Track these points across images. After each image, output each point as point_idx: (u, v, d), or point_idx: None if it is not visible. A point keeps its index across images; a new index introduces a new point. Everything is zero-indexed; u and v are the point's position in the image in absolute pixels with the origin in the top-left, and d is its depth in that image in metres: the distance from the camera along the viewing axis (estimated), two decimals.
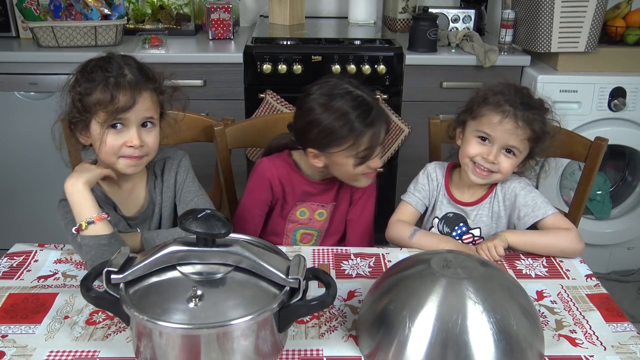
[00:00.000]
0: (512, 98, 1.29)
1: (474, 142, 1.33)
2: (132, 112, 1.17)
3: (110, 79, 1.15)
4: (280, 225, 1.50)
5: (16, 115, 2.28)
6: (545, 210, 1.32)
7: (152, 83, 1.20)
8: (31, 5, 2.25)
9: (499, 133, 1.29)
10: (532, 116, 1.29)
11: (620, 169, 2.61)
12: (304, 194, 1.46)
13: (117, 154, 1.20)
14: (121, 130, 1.18)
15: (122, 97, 1.15)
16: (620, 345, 1.00)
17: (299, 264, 0.93)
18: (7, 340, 0.98)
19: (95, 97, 1.15)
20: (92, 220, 1.13)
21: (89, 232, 1.13)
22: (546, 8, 2.17)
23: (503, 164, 1.32)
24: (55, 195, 1.23)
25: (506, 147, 1.31)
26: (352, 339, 1.00)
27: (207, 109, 2.21)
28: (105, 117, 1.15)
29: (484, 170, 1.33)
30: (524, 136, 1.29)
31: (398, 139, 2.36)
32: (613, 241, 2.53)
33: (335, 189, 1.47)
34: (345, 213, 1.51)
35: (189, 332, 0.86)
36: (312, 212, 1.48)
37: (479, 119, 1.32)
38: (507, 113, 1.28)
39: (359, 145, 1.29)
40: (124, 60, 1.19)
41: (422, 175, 1.46)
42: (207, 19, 2.45)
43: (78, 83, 1.17)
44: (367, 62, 2.26)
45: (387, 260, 1.26)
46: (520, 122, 1.28)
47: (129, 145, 1.19)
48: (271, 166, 1.44)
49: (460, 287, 0.91)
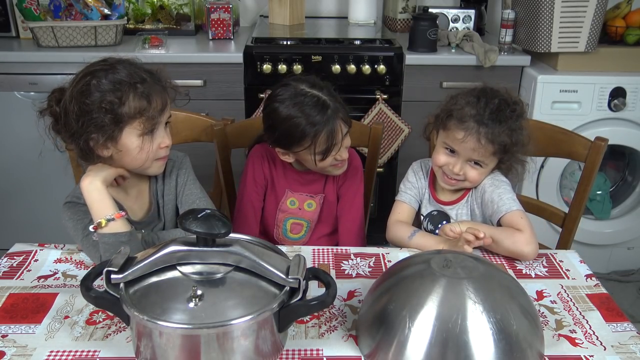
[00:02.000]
0: (480, 112, 1.28)
1: (441, 152, 1.36)
2: (165, 113, 1.19)
3: (137, 84, 1.14)
4: (272, 215, 1.55)
5: (16, 115, 2.28)
6: (508, 206, 1.31)
7: (161, 82, 1.21)
8: (31, 5, 2.25)
9: (462, 149, 1.31)
10: (498, 131, 1.27)
11: (620, 169, 2.61)
12: (292, 181, 1.52)
13: (155, 157, 1.21)
14: (154, 133, 1.19)
15: (157, 99, 1.16)
16: (620, 345, 1.00)
17: (299, 264, 0.93)
18: (7, 340, 0.98)
19: (131, 106, 1.13)
20: (112, 218, 1.14)
21: (109, 230, 1.13)
22: (546, 8, 2.17)
23: (469, 174, 1.34)
24: (55, 195, 1.23)
25: (471, 159, 1.33)
26: (352, 339, 1.00)
27: (207, 109, 2.21)
28: (145, 124, 1.15)
29: (451, 179, 1.36)
30: (487, 152, 1.31)
31: (398, 139, 2.36)
32: (613, 241, 2.53)
33: (322, 181, 1.52)
34: (334, 206, 1.55)
35: (189, 332, 0.86)
36: (302, 202, 1.53)
37: (446, 132, 1.34)
38: (470, 131, 1.28)
39: (318, 144, 1.35)
40: (130, 64, 1.18)
41: (410, 172, 1.50)
42: (207, 19, 2.45)
43: (91, 95, 1.12)
44: (367, 62, 2.26)
45: (387, 260, 1.26)
46: (483, 139, 1.27)
47: (162, 146, 1.21)
48: (261, 149, 1.54)
49: (460, 287, 0.91)
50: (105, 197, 1.16)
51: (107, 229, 1.13)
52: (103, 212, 1.14)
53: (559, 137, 1.58)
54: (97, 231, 1.14)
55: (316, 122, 1.33)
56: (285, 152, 1.42)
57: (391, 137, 2.36)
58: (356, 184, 1.54)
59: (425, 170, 1.48)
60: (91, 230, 1.15)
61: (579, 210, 1.55)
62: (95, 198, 1.15)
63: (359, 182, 1.54)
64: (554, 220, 1.62)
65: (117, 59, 1.19)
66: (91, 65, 1.16)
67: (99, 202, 1.15)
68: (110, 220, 1.14)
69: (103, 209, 1.15)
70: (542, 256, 1.29)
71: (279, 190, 1.53)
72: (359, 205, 1.54)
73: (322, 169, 1.44)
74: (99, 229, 1.14)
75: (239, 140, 1.66)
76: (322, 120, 1.33)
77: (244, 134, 1.66)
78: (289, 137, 1.36)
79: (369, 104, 2.30)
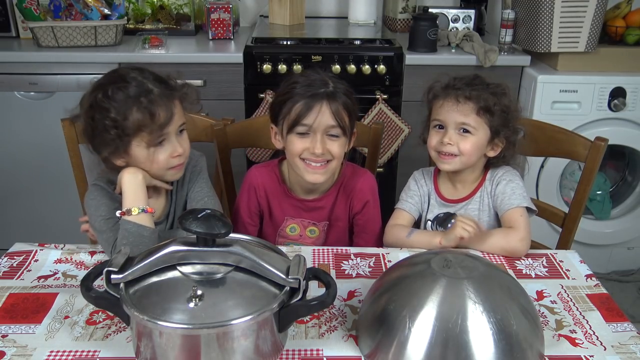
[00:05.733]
0: (457, 83, 1.35)
1: (433, 133, 1.39)
2: (172, 124, 1.19)
3: (141, 98, 1.15)
4: (272, 238, 1.49)
5: (16, 115, 2.28)
6: (515, 202, 1.34)
7: (172, 89, 1.21)
8: (31, 5, 2.25)
9: (446, 114, 1.35)
10: (475, 92, 1.32)
11: (620, 169, 2.61)
12: (292, 208, 1.45)
13: (167, 167, 1.22)
14: (164, 144, 1.20)
15: (161, 113, 1.16)
16: (620, 345, 1.00)
17: (299, 264, 0.93)
18: (7, 340, 0.98)
19: (135, 120, 1.14)
20: (144, 209, 1.18)
21: (136, 219, 1.16)
22: (546, 8, 2.17)
23: (461, 145, 1.34)
24: (55, 195, 1.23)
25: (458, 126, 1.34)
26: (352, 339, 1.00)
27: (207, 109, 2.20)
28: (149, 137, 1.16)
29: (446, 156, 1.36)
30: (469, 111, 1.32)
31: (398, 139, 2.36)
32: (613, 241, 2.53)
33: (328, 209, 1.45)
34: (343, 232, 1.48)
35: (189, 332, 0.86)
36: (304, 228, 1.46)
37: (432, 112, 1.40)
38: (449, 95, 1.34)
39: (292, 113, 1.27)
40: (140, 75, 1.18)
41: (412, 181, 1.49)
42: (207, 19, 2.45)
43: (99, 110, 1.15)
44: (367, 62, 2.26)
45: (387, 260, 1.26)
46: (461, 98, 1.33)
47: (175, 155, 1.21)
48: (257, 175, 1.45)
49: (460, 287, 0.91)
50: (142, 190, 1.20)
51: (135, 218, 1.16)
52: (137, 202, 1.18)
53: (559, 137, 1.58)
54: (124, 217, 1.17)
55: (300, 92, 1.27)
56: (276, 130, 1.35)
57: (391, 137, 2.36)
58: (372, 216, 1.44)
59: (428, 176, 1.48)
60: (117, 214, 1.18)
61: (579, 210, 1.55)
62: (133, 187, 1.19)
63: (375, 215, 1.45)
64: (554, 220, 1.62)
65: (127, 68, 1.20)
66: (103, 77, 1.20)
67: (136, 192, 1.19)
68: (142, 211, 1.17)
69: (138, 199, 1.18)
70: (542, 256, 1.29)
71: (278, 217, 1.46)
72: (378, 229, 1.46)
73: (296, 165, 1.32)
74: (126, 215, 1.16)
75: (239, 140, 1.66)
76: (306, 93, 1.27)
77: (244, 134, 1.66)
78: (279, 103, 1.31)
79: (369, 104, 2.30)
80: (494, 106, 1.32)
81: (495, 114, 1.33)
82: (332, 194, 1.43)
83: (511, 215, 1.33)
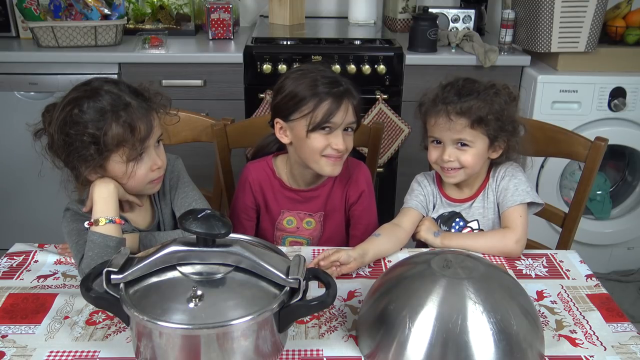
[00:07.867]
0: (445, 94, 1.32)
1: (431, 148, 1.38)
2: (152, 137, 1.16)
3: (120, 112, 1.10)
4: (269, 232, 1.50)
5: (16, 115, 2.28)
6: (517, 199, 1.33)
7: (149, 101, 1.17)
8: (31, 5, 2.25)
9: (440, 132, 1.33)
10: (465, 105, 1.29)
11: (620, 169, 2.61)
12: (288, 201, 1.46)
13: (146, 182, 1.19)
14: (143, 157, 1.16)
15: (141, 126, 1.12)
16: (620, 345, 1.00)
17: (299, 264, 0.93)
18: (7, 340, 0.98)
19: (115, 135, 1.10)
20: (112, 220, 1.13)
21: (102, 230, 1.12)
22: (546, 8, 2.17)
23: (462, 158, 1.33)
24: (55, 195, 1.23)
25: (455, 142, 1.33)
26: (352, 339, 1.00)
27: (207, 109, 2.21)
28: (130, 152, 1.12)
29: (449, 170, 1.35)
30: (462, 126, 1.30)
31: (398, 139, 2.36)
32: (613, 241, 2.53)
33: (323, 198, 1.45)
34: (339, 224, 1.49)
35: (189, 332, 0.86)
36: (300, 220, 1.47)
37: (427, 127, 1.38)
38: (440, 112, 1.31)
39: (318, 110, 1.28)
40: (115, 87, 1.14)
41: (415, 184, 1.48)
42: (207, 19, 2.45)
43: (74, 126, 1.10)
44: (367, 62, 2.26)
45: (387, 260, 1.26)
46: (453, 115, 1.30)
47: (154, 168, 1.18)
48: (252, 170, 1.47)
49: (460, 287, 0.91)
50: (113, 200, 1.15)
51: (101, 229, 1.12)
52: (105, 212, 1.14)
53: (559, 137, 1.58)
54: (91, 228, 1.13)
55: (324, 91, 1.28)
56: (283, 124, 1.34)
57: (391, 137, 2.36)
58: (368, 206, 1.46)
59: (431, 178, 1.47)
60: (86, 226, 1.14)
61: (579, 210, 1.55)
62: (102, 196, 1.14)
63: (371, 206, 1.47)
64: (554, 220, 1.62)
65: (101, 81, 1.16)
66: (75, 90, 1.14)
67: (106, 201, 1.14)
68: (109, 222, 1.13)
69: (107, 209, 1.14)
70: (542, 256, 1.29)
71: (274, 210, 1.47)
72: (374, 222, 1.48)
73: (314, 158, 1.33)
74: (93, 226, 1.13)
75: (239, 140, 1.66)
76: (331, 91, 1.29)
77: (244, 134, 1.66)
78: (293, 99, 1.30)
79: (369, 104, 2.30)
80: (487, 116, 1.30)
81: (490, 123, 1.31)
82: (328, 184, 1.45)
83: (510, 215, 1.33)
